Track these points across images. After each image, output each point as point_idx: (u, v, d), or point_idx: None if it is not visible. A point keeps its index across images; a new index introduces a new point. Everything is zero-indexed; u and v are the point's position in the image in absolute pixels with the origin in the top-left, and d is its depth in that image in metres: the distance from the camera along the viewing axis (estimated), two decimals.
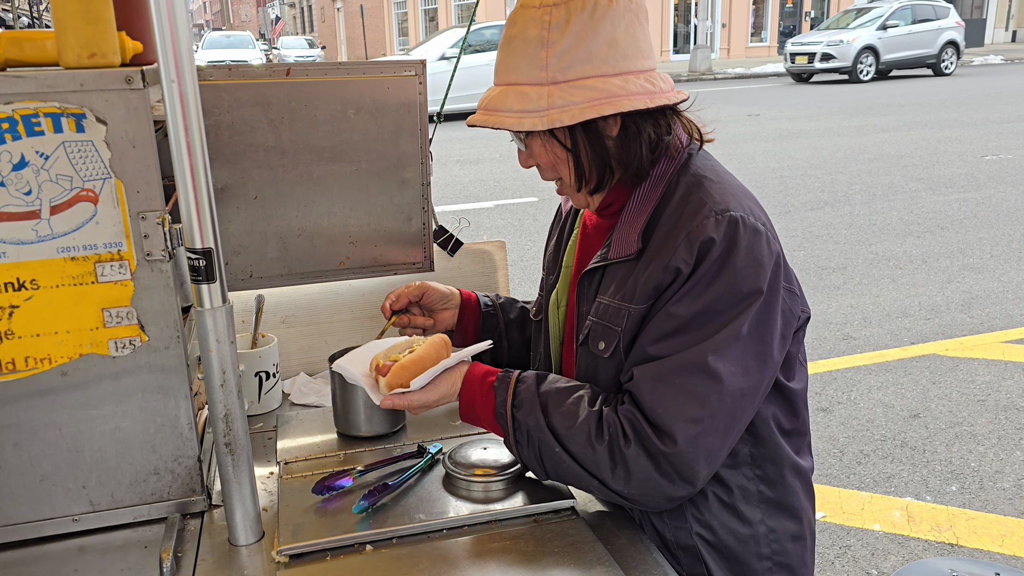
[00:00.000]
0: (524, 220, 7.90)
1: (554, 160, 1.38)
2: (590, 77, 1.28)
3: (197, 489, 1.40)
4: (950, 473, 3.52)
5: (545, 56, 1.28)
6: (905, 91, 18.64)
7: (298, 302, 2.01)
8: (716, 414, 1.23)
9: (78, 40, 1.22)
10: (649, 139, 1.33)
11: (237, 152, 1.73)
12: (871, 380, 4.44)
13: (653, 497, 1.26)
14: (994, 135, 12.21)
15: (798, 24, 35.67)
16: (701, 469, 1.24)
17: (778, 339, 1.27)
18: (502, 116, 1.32)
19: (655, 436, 1.23)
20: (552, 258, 1.62)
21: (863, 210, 8.02)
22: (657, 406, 1.23)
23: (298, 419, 1.73)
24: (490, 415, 1.36)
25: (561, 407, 1.30)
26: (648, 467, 1.24)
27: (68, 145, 1.22)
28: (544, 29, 1.28)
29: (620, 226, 1.37)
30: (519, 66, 1.31)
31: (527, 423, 1.31)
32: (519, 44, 1.31)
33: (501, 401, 1.34)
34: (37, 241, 1.24)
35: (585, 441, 1.27)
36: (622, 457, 1.25)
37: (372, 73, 1.78)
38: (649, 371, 1.26)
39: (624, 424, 1.26)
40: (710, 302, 1.23)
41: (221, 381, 1.23)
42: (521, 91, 1.30)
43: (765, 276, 1.25)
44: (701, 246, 1.24)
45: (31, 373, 1.28)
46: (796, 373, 1.39)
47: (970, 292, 5.74)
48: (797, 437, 1.43)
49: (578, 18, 1.27)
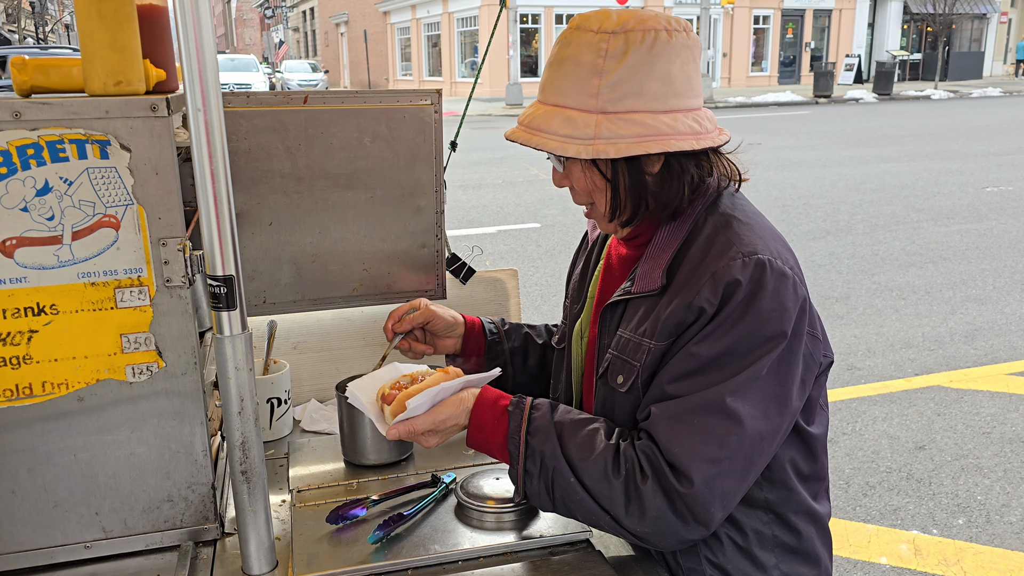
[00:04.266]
0: (527, 246, 7.92)
1: (590, 187, 1.36)
2: (640, 112, 1.26)
3: (210, 517, 1.39)
4: (956, 506, 3.50)
5: (597, 85, 1.26)
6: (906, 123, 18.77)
7: (310, 328, 2.00)
8: (734, 456, 1.21)
9: (104, 68, 1.23)
10: (691, 180, 1.32)
11: (253, 178, 1.74)
12: (876, 411, 4.43)
13: (665, 537, 1.24)
14: (995, 167, 12.28)
15: (798, 54, 36.00)
16: (716, 511, 1.22)
17: (798, 384, 1.26)
18: (546, 138, 1.29)
19: (672, 475, 1.21)
20: (577, 287, 1.60)
21: (865, 240, 8.05)
22: (674, 445, 1.22)
23: (310, 446, 1.73)
24: (501, 440, 1.31)
25: (576, 438, 1.28)
26: (663, 506, 1.21)
27: (92, 171, 1.22)
28: (600, 57, 1.26)
29: (645, 260, 1.36)
30: (568, 89, 1.28)
31: (542, 451, 1.27)
32: (571, 67, 1.28)
33: (515, 427, 1.30)
34: (58, 266, 1.24)
35: (601, 474, 1.24)
36: (638, 493, 1.22)
37: (389, 101, 1.80)
38: (667, 409, 1.24)
39: (642, 460, 1.24)
40: (732, 344, 1.22)
41: (239, 408, 1.22)
42: (568, 115, 1.28)
43: (789, 321, 1.23)
44: (727, 287, 1.22)
45: (48, 398, 1.28)
46: (816, 417, 1.38)
47: (973, 323, 5.74)
48: (815, 482, 1.41)
49: (636, 51, 1.25)
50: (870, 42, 37.00)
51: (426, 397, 1.31)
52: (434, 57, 36.14)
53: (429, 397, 1.32)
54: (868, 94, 27.57)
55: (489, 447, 1.34)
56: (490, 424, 1.33)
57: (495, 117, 22.64)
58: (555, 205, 9.83)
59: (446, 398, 1.34)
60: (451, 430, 1.35)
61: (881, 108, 23.81)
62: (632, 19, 1.27)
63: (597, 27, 1.27)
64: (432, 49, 36.18)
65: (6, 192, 1.20)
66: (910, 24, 37.59)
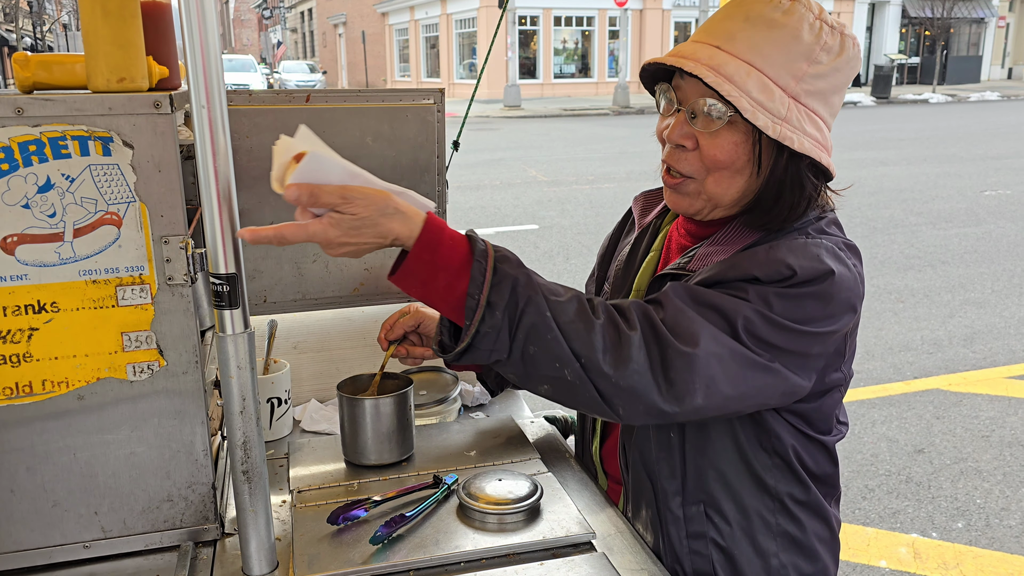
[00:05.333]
0: (525, 247, 7.91)
1: (731, 163, 1.24)
2: (819, 116, 1.23)
3: (210, 517, 1.38)
4: (956, 510, 3.50)
5: (805, 70, 1.20)
6: (904, 126, 18.79)
7: (311, 328, 2.00)
8: (736, 353, 1.15)
9: (108, 64, 1.22)
10: (820, 202, 1.30)
11: (255, 177, 1.73)
12: (875, 414, 4.43)
13: (632, 399, 1.14)
14: (992, 171, 12.30)
15: None
16: (697, 392, 1.13)
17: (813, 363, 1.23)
18: (737, 92, 1.18)
19: (671, 332, 1.14)
20: (622, 276, 1.51)
21: (864, 243, 8.05)
22: (685, 313, 1.15)
23: (310, 446, 1.72)
24: (460, 261, 1.13)
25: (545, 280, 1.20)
26: (645, 361, 1.12)
27: (94, 168, 1.21)
28: (818, 44, 1.20)
29: (711, 243, 1.31)
30: (773, 57, 1.20)
31: (515, 276, 1.12)
32: (786, 37, 1.20)
33: (481, 250, 1.13)
34: (59, 264, 1.23)
35: (576, 313, 1.13)
36: (620, 339, 1.12)
37: (391, 101, 1.79)
38: (689, 290, 1.19)
39: (627, 312, 1.16)
40: (785, 301, 1.17)
41: (241, 408, 1.22)
42: (765, 82, 1.19)
43: (834, 324, 1.21)
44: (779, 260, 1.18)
45: (48, 396, 1.27)
46: (832, 430, 1.38)
47: (972, 327, 5.74)
48: (827, 487, 1.41)
49: (846, 57, 1.22)
50: (868, 46, 37.05)
51: (337, 160, 1.08)
52: (432, 58, 36.15)
53: (341, 165, 1.08)
54: (866, 98, 27.61)
55: (436, 272, 1.13)
56: (446, 242, 1.14)
57: (493, 118, 22.64)
58: (553, 207, 9.83)
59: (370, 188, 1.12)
60: (360, 225, 1.09)
61: (879, 112, 23.85)
62: (844, 25, 1.24)
63: (818, 12, 1.22)
64: (430, 50, 36.19)
65: (7, 189, 1.19)
66: (908, 28, 37.66)
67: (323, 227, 1.09)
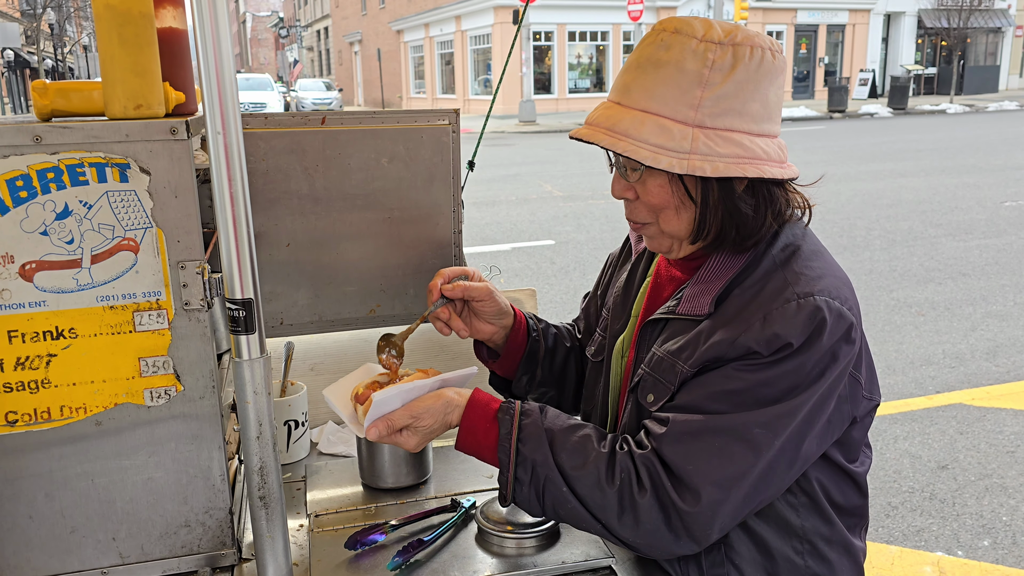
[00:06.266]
0: (541, 263, 7.91)
1: (667, 204, 1.28)
2: (738, 131, 1.21)
3: (228, 542, 1.38)
4: (981, 527, 3.44)
5: (700, 96, 1.19)
6: (921, 137, 18.68)
7: (327, 349, 1.99)
8: (743, 485, 1.19)
9: (125, 92, 1.23)
10: (778, 209, 1.28)
11: (271, 199, 1.73)
12: (897, 430, 4.37)
13: (655, 549, 1.22)
14: (1012, 181, 12.19)
15: (812, 70, 35.97)
16: (713, 534, 1.20)
17: (822, 424, 1.23)
18: (636, 145, 1.20)
19: (675, 491, 1.19)
20: (620, 303, 1.52)
21: (883, 256, 7.99)
22: (688, 462, 1.19)
23: (327, 469, 1.71)
24: (492, 444, 1.27)
25: (568, 444, 1.25)
26: (659, 519, 1.19)
27: (111, 194, 1.22)
28: (706, 67, 1.19)
29: (696, 283, 1.31)
30: (666, 96, 1.20)
31: (533, 458, 1.24)
32: (671, 73, 1.20)
33: (505, 433, 1.26)
34: (77, 290, 1.23)
35: (595, 483, 1.22)
36: (633, 505, 1.20)
37: (406, 122, 1.79)
38: (689, 425, 1.21)
39: (640, 471, 1.21)
40: (776, 378, 1.19)
41: (257, 433, 1.21)
42: (662, 124, 1.20)
43: (837, 367, 1.20)
44: (778, 332, 1.18)
45: (66, 422, 1.27)
46: (859, 457, 1.35)
47: (995, 340, 5.67)
48: (856, 518, 1.38)
49: (744, 67, 1.20)
50: (884, 56, 36.93)
51: (395, 391, 1.27)
52: (447, 75, 36.35)
53: (398, 392, 1.28)
54: (883, 109, 27.49)
55: (480, 451, 1.30)
56: (482, 428, 1.29)
57: (508, 134, 22.71)
58: (569, 222, 9.83)
59: (427, 395, 1.31)
60: (432, 428, 1.30)
61: (896, 123, 23.72)
62: (738, 33, 1.22)
63: (702, 35, 1.21)
64: (445, 67, 36.40)
65: (26, 216, 1.20)
66: (924, 38, 37.51)
67: (405, 438, 1.31)
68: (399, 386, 1.29)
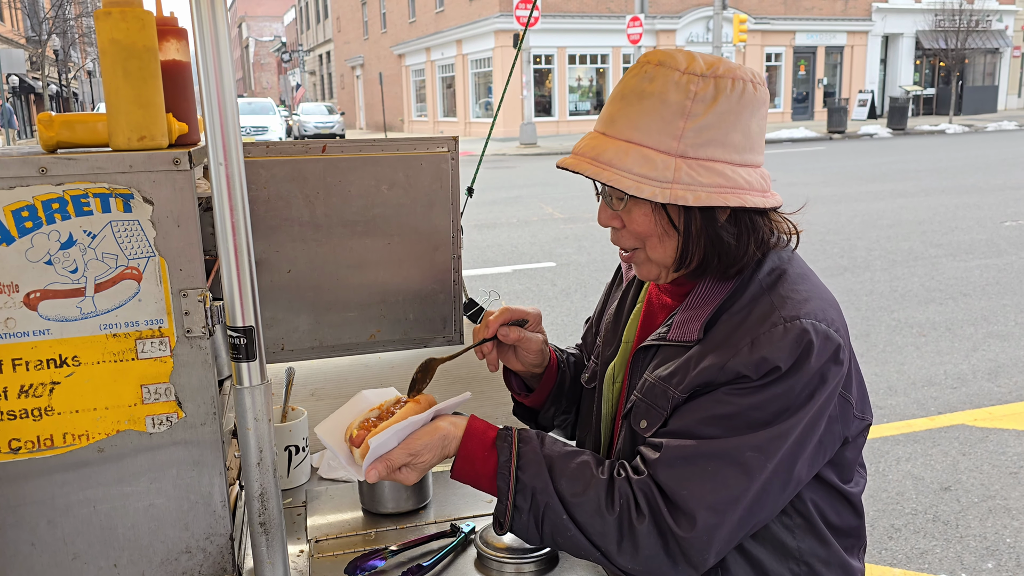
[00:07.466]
0: (542, 285, 7.93)
1: (651, 232, 1.31)
2: (719, 161, 1.23)
3: (228, 568, 1.38)
4: (985, 549, 3.43)
5: (682, 127, 1.22)
6: (921, 157, 18.75)
7: (328, 375, 2.01)
8: (737, 509, 1.20)
9: (129, 123, 1.25)
10: (761, 237, 1.30)
11: (272, 226, 1.76)
12: (899, 451, 4.36)
13: (653, 575, 1.23)
14: (1012, 201, 12.22)
15: (811, 91, 36.17)
16: (710, 558, 1.21)
17: (813, 445, 1.24)
18: (619, 175, 1.23)
19: (671, 516, 1.20)
20: (611, 329, 1.55)
21: (883, 276, 8.00)
22: (681, 487, 1.20)
23: (327, 495, 1.72)
24: (491, 473, 1.29)
25: (567, 471, 1.26)
26: (657, 545, 1.20)
27: (115, 224, 1.24)
28: (688, 99, 1.22)
29: (685, 309, 1.33)
30: (649, 127, 1.23)
31: (533, 486, 1.25)
32: (654, 105, 1.23)
33: (505, 460, 1.27)
34: (80, 318, 1.25)
35: (594, 510, 1.23)
36: (632, 532, 1.21)
37: (406, 149, 1.82)
38: (683, 450, 1.22)
39: (638, 497, 1.22)
40: (766, 401, 1.20)
41: (258, 459, 1.22)
42: (645, 154, 1.23)
43: (826, 389, 1.22)
44: (766, 356, 1.20)
45: (68, 449, 1.28)
46: (853, 477, 1.37)
47: (996, 360, 5.67)
48: (853, 539, 1.39)
49: (726, 98, 1.22)
50: (883, 78, 37.14)
51: (390, 433, 1.28)
52: (449, 98, 36.58)
53: (394, 432, 1.29)
54: (882, 129, 27.61)
55: (477, 480, 1.31)
56: (480, 456, 1.30)
57: (509, 156, 22.82)
58: (570, 244, 9.86)
59: (423, 428, 1.32)
60: (429, 461, 1.32)
61: (896, 143, 23.83)
62: (720, 65, 1.25)
63: (685, 67, 1.24)
64: (447, 90, 36.64)
65: (31, 246, 1.21)
66: (922, 59, 37.74)
67: (404, 475, 1.32)
68: (394, 427, 1.29)
